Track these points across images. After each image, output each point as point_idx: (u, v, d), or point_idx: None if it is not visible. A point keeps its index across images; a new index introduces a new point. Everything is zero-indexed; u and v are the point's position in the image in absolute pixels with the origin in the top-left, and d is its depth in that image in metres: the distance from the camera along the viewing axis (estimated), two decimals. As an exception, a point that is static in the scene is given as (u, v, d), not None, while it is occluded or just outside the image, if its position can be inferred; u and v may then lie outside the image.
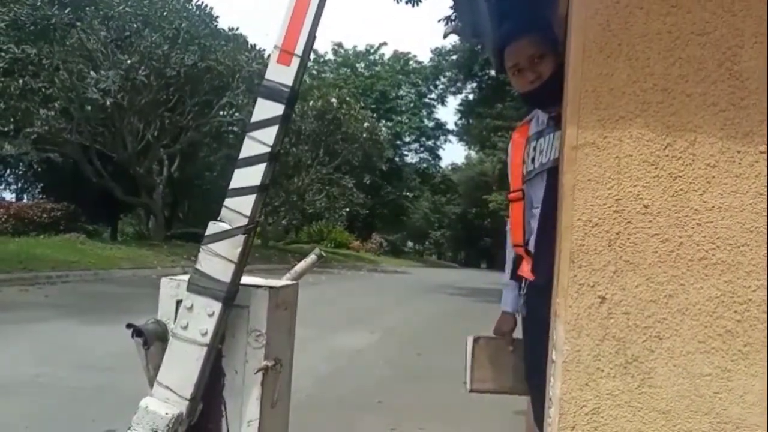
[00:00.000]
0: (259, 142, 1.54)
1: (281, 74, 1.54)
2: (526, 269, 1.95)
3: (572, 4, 1.38)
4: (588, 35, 1.35)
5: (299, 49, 1.53)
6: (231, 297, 1.52)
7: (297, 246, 26.71)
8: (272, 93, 1.54)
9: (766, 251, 1.28)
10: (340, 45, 41.77)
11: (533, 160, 1.91)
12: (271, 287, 1.60)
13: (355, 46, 41.82)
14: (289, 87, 1.54)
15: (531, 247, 1.92)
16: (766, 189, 1.29)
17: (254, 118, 1.55)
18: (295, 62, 1.54)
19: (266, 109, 1.54)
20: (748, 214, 1.28)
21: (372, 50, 42.79)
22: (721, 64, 1.31)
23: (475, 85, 31.37)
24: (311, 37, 1.55)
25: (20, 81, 14.87)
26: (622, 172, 1.32)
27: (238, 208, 1.53)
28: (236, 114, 17.21)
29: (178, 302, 1.55)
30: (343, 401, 4.55)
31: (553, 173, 1.78)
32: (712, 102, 1.30)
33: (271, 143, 1.54)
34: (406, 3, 12.24)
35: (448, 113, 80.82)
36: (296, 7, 1.53)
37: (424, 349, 6.96)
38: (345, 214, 29.29)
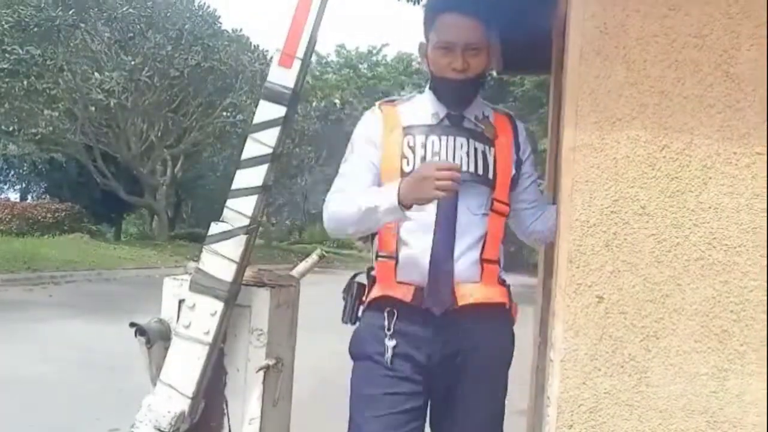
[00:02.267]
0: (260, 143, 1.55)
1: (283, 76, 1.56)
2: (398, 290, 1.57)
3: (570, 6, 1.40)
4: (585, 37, 1.36)
5: (300, 52, 1.55)
6: (233, 296, 1.54)
7: (300, 246, 26.72)
8: (274, 95, 1.56)
9: (763, 252, 1.30)
10: (342, 46, 41.76)
11: (423, 159, 1.57)
12: (272, 287, 1.62)
13: (357, 47, 41.75)
14: (290, 89, 1.56)
15: (407, 264, 1.57)
16: (762, 190, 1.30)
17: (256, 119, 1.57)
18: (297, 65, 1.56)
19: (268, 110, 1.56)
20: (745, 215, 1.30)
21: (374, 51, 42.80)
22: (717, 67, 1.32)
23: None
24: (312, 40, 1.56)
25: (25, 82, 14.92)
26: (620, 174, 1.33)
27: (240, 209, 1.55)
28: (239, 115, 17.24)
29: (181, 301, 1.57)
30: (345, 400, 4.56)
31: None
32: (709, 104, 1.31)
33: (272, 144, 1.55)
34: (408, 2, 12.23)
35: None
36: (297, 11, 1.55)
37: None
38: (348, 215, 29.22)
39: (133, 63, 15.56)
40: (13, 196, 24.90)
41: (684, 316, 1.31)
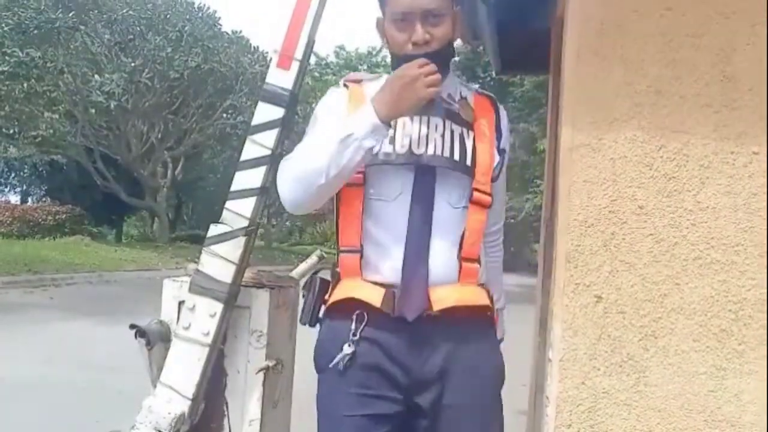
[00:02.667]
0: (259, 145, 1.56)
1: (281, 78, 1.56)
2: (365, 291, 1.37)
3: (567, 6, 1.40)
4: (582, 37, 1.36)
5: (299, 53, 1.55)
6: (232, 298, 1.54)
7: (301, 247, 26.73)
8: (272, 96, 1.57)
9: (760, 250, 1.30)
10: (342, 47, 41.79)
11: (393, 140, 1.38)
12: (272, 288, 1.62)
13: (357, 48, 41.77)
14: (289, 90, 1.56)
15: (375, 260, 1.38)
16: (759, 189, 1.30)
17: (255, 121, 1.57)
18: (295, 66, 1.56)
19: (267, 112, 1.56)
20: (742, 214, 1.30)
21: (374, 52, 42.83)
22: (714, 66, 1.32)
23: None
24: (310, 41, 1.57)
25: (25, 84, 14.93)
26: (617, 174, 1.34)
27: (239, 210, 1.55)
28: (240, 116, 17.25)
29: (181, 303, 1.57)
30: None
31: (426, 173, 1.37)
32: (706, 103, 1.32)
33: (271, 146, 1.56)
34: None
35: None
36: (295, 12, 1.55)
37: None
38: (348, 216, 29.24)
39: (133, 65, 15.56)
40: (14, 198, 24.93)
41: (682, 316, 1.31)
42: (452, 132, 1.41)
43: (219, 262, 1.53)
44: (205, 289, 1.53)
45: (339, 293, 1.41)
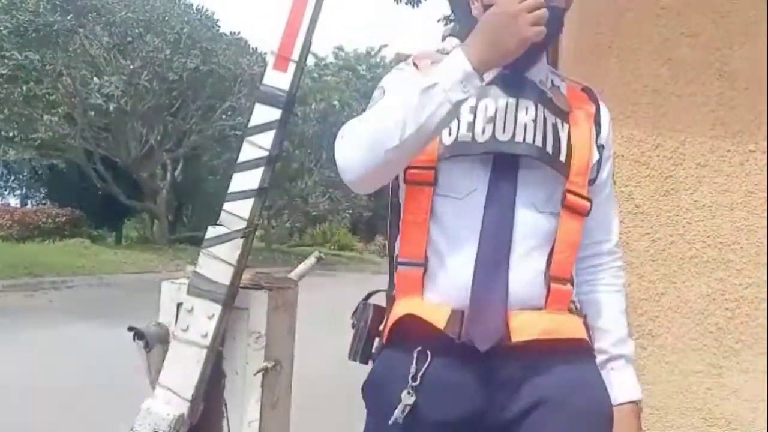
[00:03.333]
0: (257, 147, 1.56)
1: (278, 79, 1.56)
2: (426, 310, 1.10)
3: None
4: (579, 37, 1.37)
5: (295, 55, 1.55)
6: (231, 299, 1.54)
7: (301, 249, 26.73)
8: (270, 98, 1.57)
9: (757, 249, 1.30)
10: (340, 48, 41.80)
11: (472, 126, 1.12)
12: (270, 289, 1.62)
13: (356, 49, 41.76)
14: (286, 92, 1.56)
15: (441, 276, 1.12)
16: (756, 187, 1.31)
17: (252, 122, 1.57)
18: (292, 67, 1.56)
19: (264, 113, 1.57)
20: (739, 213, 1.30)
21: (373, 53, 42.82)
22: (710, 65, 1.33)
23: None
24: (307, 43, 1.57)
25: (24, 87, 14.94)
26: (614, 173, 1.34)
27: (237, 212, 1.55)
28: (239, 118, 17.25)
29: (179, 305, 1.57)
30: (346, 402, 4.56)
31: (507, 165, 1.11)
32: (702, 102, 1.32)
33: (269, 147, 1.56)
34: (406, 4, 12.24)
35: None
36: (292, 13, 1.55)
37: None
38: (348, 217, 29.33)
39: (131, 67, 15.57)
40: (14, 201, 24.90)
41: (679, 314, 1.31)
42: (545, 120, 1.14)
43: (217, 263, 1.53)
44: (204, 291, 1.53)
45: (395, 312, 1.15)
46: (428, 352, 1.09)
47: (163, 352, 1.57)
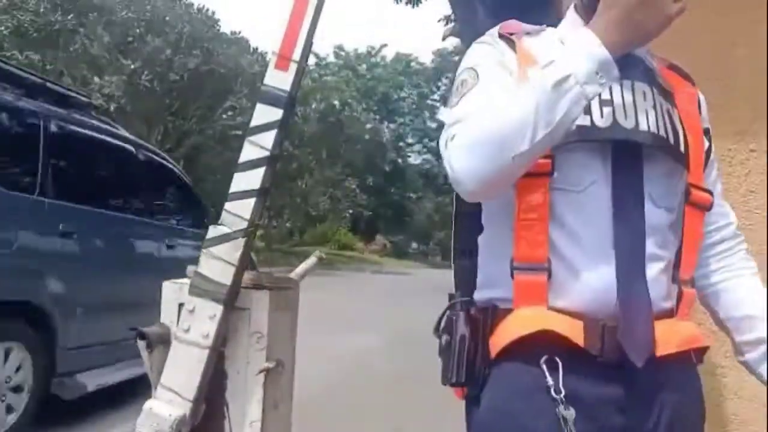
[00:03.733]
0: (258, 147, 1.56)
1: (279, 79, 1.57)
2: (560, 325, 0.96)
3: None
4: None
5: (297, 55, 1.56)
6: (232, 299, 1.55)
7: (301, 249, 26.75)
8: (271, 98, 1.57)
9: (758, 248, 1.30)
10: (341, 47, 41.79)
11: (589, 109, 0.96)
12: (271, 290, 1.62)
13: (356, 49, 41.80)
14: (287, 92, 1.56)
15: (569, 281, 0.98)
16: (757, 187, 1.31)
17: (253, 122, 1.58)
18: (293, 67, 1.56)
19: (265, 113, 1.57)
20: (739, 212, 1.30)
21: (373, 52, 42.79)
22: (711, 64, 1.33)
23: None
24: (308, 43, 1.57)
25: (24, 87, 14.98)
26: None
27: (238, 212, 1.55)
28: (239, 117, 17.28)
29: (181, 305, 1.58)
30: (347, 402, 4.57)
31: (630, 155, 0.99)
32: (703, 101, 1.32)
33: (270, 147, 1.56)
34: (406, 4, 12.25)
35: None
36: (293, 13, 1.56)
37: (430, 350, 6.97)
38: (348, 216, 29.37)
39: (132, 67, 15.60)
40: (15, 201, 24.90)
41: (681, 314, 1.31)
42: (660, 105, 1.03)
43: (218, 263, 1.53)
44: (205, 291, 1.53)
45: (516, 327, 0.98)
46: (556, 359, 0.95)
47: (165, 352, 1.58)
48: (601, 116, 0.97)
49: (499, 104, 0.94)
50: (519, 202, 0.99)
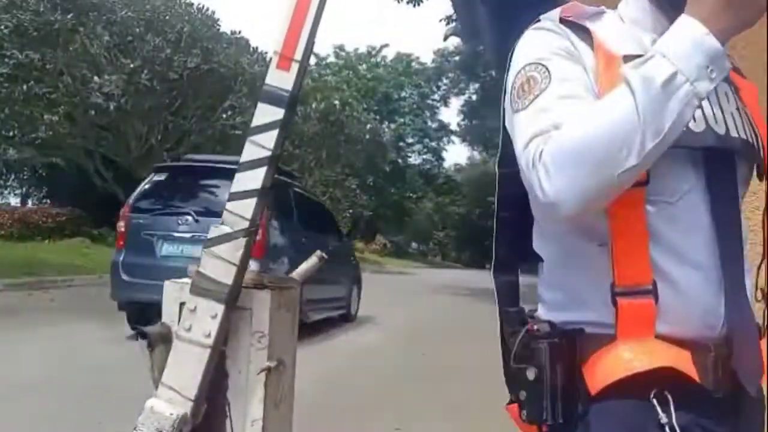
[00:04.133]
0: (259, 146, 1.56)
1: (281, 79, 1.57)
2: (673, 360, 0.87)
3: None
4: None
5: (298, 55, 1.56)
6: (233, 299, 1.55)
7: (301, 248, 26.74)
8: (272, 98, 1.57)
9: (760, 249, 1.30)
10: (341, 47, 41.78)
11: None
12: (273, 289, 1.62)
13: (356, 49, 41.80)
14: (288, 92, 1.57)
15: (677, 305, 0.88)
16: (758, 187, 1.31)
17: (255, 122, 1.58)
18: (295, 67, 1.57)
19: (266, 113, 1.57)
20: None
21: (374, 52, 42.78)
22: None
23: (478, 86, 31.50)
24: (310, 42, 1.57)
25: (24, 86, 14.94)
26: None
27: (240, 212, 1.55)
28: (239, 117, 17.27)
29: (182, 305, 1.58)
30: (348, 401, 4.58)
31: (723, 163, 0.92)
32: (704, 102, 1.33)
33: (271, 147, 1.56)
34: (407, 3, 12.25)
35: (451, 114, 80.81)
36: (295, 13, 1.56)
37: (429, 349, 6.99)
38: (349, 216, 29.38)
39: (132, 66, 15.58)
40: (14, 201, 24.94)
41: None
42: (742, 107, 0.96)
43: (219, 263, 1.54)
44: (206, 291, 1.53)
45: (623, 362, 0.88)
46: (666, 394, 0.86)
47: (166, 351, 1.58)
48: (694, 120, 0.87)
49: (594, 112, 0.83)
50: (614, 217, 0.89)
